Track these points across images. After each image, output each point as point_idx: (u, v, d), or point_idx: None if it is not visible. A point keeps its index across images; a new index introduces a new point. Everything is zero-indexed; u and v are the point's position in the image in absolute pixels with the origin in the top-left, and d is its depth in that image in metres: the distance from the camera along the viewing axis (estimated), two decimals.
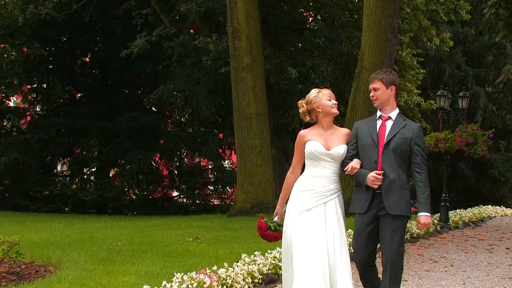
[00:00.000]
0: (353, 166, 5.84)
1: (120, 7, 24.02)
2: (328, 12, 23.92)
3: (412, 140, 5.85)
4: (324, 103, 6.03)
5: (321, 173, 5.97)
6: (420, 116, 25.35)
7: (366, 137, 5.95)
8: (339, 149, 5.96)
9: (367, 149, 5.91)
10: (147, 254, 10.10)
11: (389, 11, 16.31)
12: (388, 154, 5.82)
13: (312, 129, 6.14)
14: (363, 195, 5.94)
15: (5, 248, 8.30)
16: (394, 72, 6.15)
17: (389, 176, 5.79)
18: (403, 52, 23.13)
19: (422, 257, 11.59)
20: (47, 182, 26.35)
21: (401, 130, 5.88)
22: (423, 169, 5.95)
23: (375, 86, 6.00)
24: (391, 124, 5.95)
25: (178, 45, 23.17)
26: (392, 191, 5.80)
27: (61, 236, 12.94)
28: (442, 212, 17.61)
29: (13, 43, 26.70)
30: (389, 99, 6.01)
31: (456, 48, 29.78)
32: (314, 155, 5.96)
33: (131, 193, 27.52)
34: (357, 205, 6.01)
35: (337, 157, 5.96)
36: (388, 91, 5.97)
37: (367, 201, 5.90)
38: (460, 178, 31.01)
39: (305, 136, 6.09)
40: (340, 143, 6.01)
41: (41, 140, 25.83)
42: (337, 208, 5.94)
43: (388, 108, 6.02)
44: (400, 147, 5.83)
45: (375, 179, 5.78)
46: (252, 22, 19.60)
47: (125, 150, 26.32)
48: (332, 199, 5.93)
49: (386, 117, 6.00)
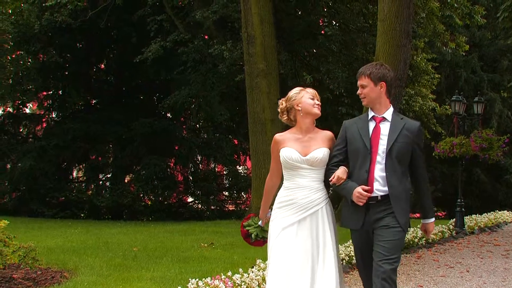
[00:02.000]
0: (339, 175, 5.11)
1: (135, 14, 24.12)
2: (343, 17, 23.90)
3: (413, 141, 5.16)
4: (304, 101, 5.40)
5: (300, 183, 5.29)
6: (435, 121, 25.28)
7: (357, 141, 5.20)
8: (316, 154, 5.26)
9: (358, 155, 5.17)
10: (162, 260, 10.12)
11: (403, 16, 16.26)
12: (391, 162, 5.07)
13: (289, 133, 5.49)
14: (356, 206, 5.14)
15: (21, 254, 8.33)
16: (385, 65, 5.39)
17: (397, 188, 5.07)
18: (418, 57, 23.07)
19: (438, 263, 11.55)
20: (62, 188, 26.41)
21: (401, 132, 5.14)
22: (425, 170, 5.34)
23: (362, 82, 5.27)
24: (388, 127, 5.18)
25: (192, 51, 23.24)
26: (401, 204, 5.12)
27: (77, 242, 13.00)
28: (458, 218, 17.55)
29: (29, 50, 26.81)
30: (379, 97, 5.24)
31: (472, 54, 29.68)
32: (289, 163, 5.30)
33: (146, 199, 27.54)
34: (349, 219, 5.27)
35: (315, 162, 5.26)
36: (377, 88, 5.22)
37: (362, 214, 5.14)
38: (475, 183, 30.94)
39: (280, 141, 5.44)
40: (320, 147, 5.31)
41: (56, 147, 25.93)
42: (324, 221, 5.25)
43: (380, 107, 5.27)
44: (403, 153, 5.12)
45: (361, 196, 5.01)
46: (266, 28, 19.62)
47: (140, 156, 26.38)
48: (317, 211, 5.24)
49: (380, 118, 5.24)
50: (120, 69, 28.67)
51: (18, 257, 8.25)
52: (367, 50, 22.95)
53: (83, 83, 28.71)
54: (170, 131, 27.26)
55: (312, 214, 5.23)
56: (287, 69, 22.35)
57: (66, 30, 25.37)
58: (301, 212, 5.23)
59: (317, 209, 5.24)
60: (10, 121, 28.41)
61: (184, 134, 29.33)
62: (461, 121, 18.97)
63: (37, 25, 23.88)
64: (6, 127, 28.29)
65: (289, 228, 5.22)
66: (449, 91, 29.26)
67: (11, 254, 7.84)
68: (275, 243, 5.23)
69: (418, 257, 12.33)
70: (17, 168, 26.00)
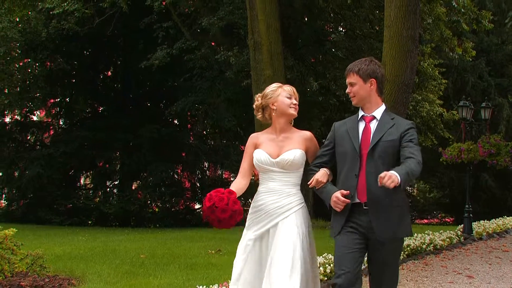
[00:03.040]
0: (318, 179, 4.73)
1: (142, 21, 24.18)
2: (349, 23, 23.91)
3: (401, 138, 4.66)
4: (281, 100, 5.04)
5: (271, 186, 4.98)
6: (443, 127, 25.25)
7: (346, 143, 4.79)
8: (287, 156, 4.90)
9: (346, 158, 4.74)
10: (169, 267, 10.12)
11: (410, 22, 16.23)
12: (374, 162, 4.61)
13: (264, 133, 5.18)
14: (338, 214, 4.73)
15: (29, 262, 8.35)
16: (375, 61, 5.01)
17: (376, 191, 4.53)
18: (425, 63, 23.06)
19: (446, 269, 11.52)
20: (70, 195, 26.47)
21: (388, 131, 4.70)
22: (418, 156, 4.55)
23: (350, 80, 4.89)
24: (375, 126, 4.80)
25: (199, 58, 23.28)
26: (381, 209, 4.58)
27: (84, 249, 13.01)
28: (466, 223, 17.50)
29: (36, 58, 26.95)
30: (369, 96, 4.87)
31: (479, 59, 29.64)
32: (259, 166, 5.02)
33: (153, 206, 27.59)
34: (333, 227, 4.82)
35: (286, 165, 4.90)
36: (366, 86, 4.84)
37: (341, 219, 4.71)
38: (483, 189, 30.87)
39: (253, 142, 5.14)
40: (293, 148, 4.96)
41: (64, 154, 26.00)
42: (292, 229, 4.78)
43: (371, 106, 4.89)
44: (387, 152, 4.63)
45: (338, 201, 4.62)
46: (273, 35, 19.63)
47: (147, 162, 26.42)
48: (286, 218, 4.83)
49: (370, 117, 4.85)
50: (127, 76, 28.74)
51: (26, 264, 8.27)
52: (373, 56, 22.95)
53: (90, 90, 28.82)
54: (177, 138, 27.32)
55: (280, 222, 4.83)
56: (293, 75, 22.34)
57: (73, 38, 25.46)
58: (268, 221, 4.88)
59: (287, 215, 4.84)
60: (18, 128, 28.51)
61: (191, 141, 29.37)
62: (468, 127, 18.94)
63: (44, 33, 23.98)
64: (14, 135, 28.39)
65: (251, 242, 4.90)
66: (456, 96, 29.21)
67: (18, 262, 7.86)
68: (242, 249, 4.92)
69: (426, 264, 12.30)
70: (24, 176, 26.08)
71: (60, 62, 27.38)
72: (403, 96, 16.82)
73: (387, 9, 16.64)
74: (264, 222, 4.89)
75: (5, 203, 27.82)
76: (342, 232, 4.70)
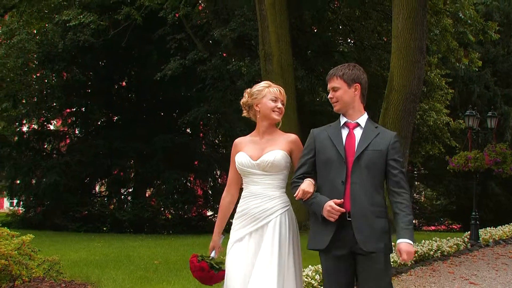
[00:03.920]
0: (304, 189, 4.37)
1: (155, 33, 24.27)
2: (358, 35, 23.95)
3: (388, 152, 4.41)
4: (264, 103, 4.78)
5: (253, 190, 4.68)
6: (450, 136, 25.19)
7: (329, 150, 4.45)
8: (267, 157, 4.62)
9: (331, 166, 4.41)
10: (182, 273, 10.11)
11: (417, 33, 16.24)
12: (359, 172, 4.34)
13: (249, 136, 4.95)
14: (323, 224, 4.37)
15: (46, 267, 8.36)
16: (358, 66, 4.68)
17: (361, 201, 4.30)
18: (431, 73, 23.04)
19: (453, 275, 11.46)
20: (85, 203, 26.52)
21: (374, 140, 4.42)
22: (405, 187, 4.44)
23: (334, 85, 4.57)
24: (360, 133, 4.50)
25: (211, 69, 23.34)
26: (365, 220, 4.30)
27: (100, 255, 13.03)
28: (473, 230, 17.41)
29: (53, 69, 27.10)
30: (353, 102, 4.56)
31: (485, 69, 29.57)
32: (241, 169, 4.73)
33: (166, 213, 27.58)
34: (315, 239, 4.47)
35: (266, 167, 4.62)
36: (350, 91, 4.54)
37: (330, 232, 4.34)
38: (490, 196, 30.74)
39: (236, 145, 4.90)
40: (275, 149, 4.67)
41: (80, 162, 26.09)
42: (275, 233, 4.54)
43: (354, 113, 4.58)
44: (375, 163, 4.37)
45: (332, 210, 4.26)
46: (283, 46, 19.68)
47: (160, 170, 26.44)
48: (270, 221, 4.57)
49: (354, 124, 4.55)
50: (141, 87, 28.82)
51: (43, 270, 8.28)
52: (381, 67, 22.98)
53: (105, 100, 28.90)
54: (189, 147, 27.32)
55: (264, 226, 4.58)
56: (303, 85, 22.41)
57: (89, 49, 25.57)
58: (253, 224, 4.60)
59: (271, 219, 4.57)
60: (35, 137, 28.59)
61: (203, 149, 29.37)
62: (475, 135, 18.89)
63: (61, 44, 24.08)
64: (31, 144, 28.47)
65: (238, 243, 4.65)
66: (463, 105, 29.14)
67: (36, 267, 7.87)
68: (229, 254, 4.69)
69: (433, 270, 12.24)
70: (42, 183, 26.15)
71: (76, 72, 27.54)
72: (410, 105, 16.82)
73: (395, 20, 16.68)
74: (249, 226, 4.62)
75: (23, 210, 27.90)
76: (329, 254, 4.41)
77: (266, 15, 19.64)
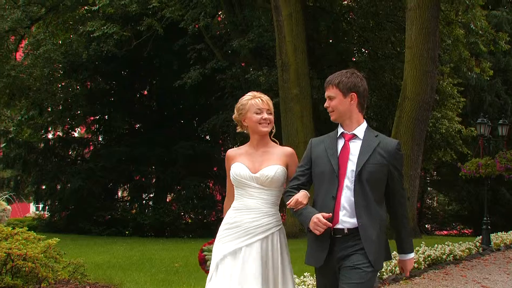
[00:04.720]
0: (298, 199, 4.06)
1: (176, 43, 24.39)
2: (372, 45, 23.94)
3: (390, 163, 4.08)
4: (249, 117, 4.48)
5: (248, 204, 4.39)
6: (461, 143, 25.08)
7: (323, 162, 4.14)
8: (267, 171, 4.35)
9: (323, 179, 4.11)
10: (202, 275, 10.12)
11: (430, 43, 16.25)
12: (361, 188, 4.00)
13: (243, 147, 4.65)
14: (318, 240, 4.07)
15: (71, 270, 8.43)
16: (357, 74, 4.26)
17: (367, 219, 3.99)
18: (444, 82, 22.98)
19: (465, 278, 11.41)
20: (108, 207, 26.69)
21: (375, 151, 4.06)
22: (404, 197, 4.24)
23: (329, 93, 4.22)
24: (359, 145, 4.12)
25: (230, 78, 23.43)
26: (372, 238, 3.98)
27: (122, 258, 13.09)
28: (484, 235, 17.32)
29: (77, 78, 27.34)
30: (349, 111, 4.19)
31: (496, 78, 29.44)
32: (237, 180, 4.45)
33: (186, 217, 27.66)
34: (311, 255, 4.17)
35: (266, 181, 4.35)
36: (346, 100, 4.16)
37: (324, 248, 4.06)
38: (501, 202, 30.54)
39: (231, 156, 4.62)
40: (273, 164, 4.40)
41: (103, 168, 26.26)
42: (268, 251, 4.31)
43: (351, 123, 4.20)
44: (376, 177, 4.04)
45: (318, 223, 3.93)
46: (299, 56, 19.72)
47: (181, 176, 26.54)
48: (264, 238, 4.30)
49: (350, 136, 4.18)
50: (162, 95, 28.94)
51: (68, 272, 8.35)
52: (395, 76, 22.94)
53: (128, 108, 29.04)
54: (209, 153, 27.40)
55: (256, 243, 4.29)
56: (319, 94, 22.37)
57: (112, 59, 25.75)
58: (246, 237, 4.31)
59: (267, 234, 4.32)
60: (60, 144, 28.82)
61: (222, 156, 29.42)
62: (486, 143, 18.80)
63: (85, 54, 24.26)
64: (56, 150, 28.72)
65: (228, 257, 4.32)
66: (474, 114, 28.99)
67: (61, 269, 7.93)
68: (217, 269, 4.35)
69: (446, 273, 12.19)
70: (66, 189, 26.39)
71: (99, 82, 27.79)
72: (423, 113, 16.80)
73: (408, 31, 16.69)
74: (241, 239, 4.31)
75: (48, 214, 28.12)
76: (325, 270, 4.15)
77: (283, 26, 19.70)
